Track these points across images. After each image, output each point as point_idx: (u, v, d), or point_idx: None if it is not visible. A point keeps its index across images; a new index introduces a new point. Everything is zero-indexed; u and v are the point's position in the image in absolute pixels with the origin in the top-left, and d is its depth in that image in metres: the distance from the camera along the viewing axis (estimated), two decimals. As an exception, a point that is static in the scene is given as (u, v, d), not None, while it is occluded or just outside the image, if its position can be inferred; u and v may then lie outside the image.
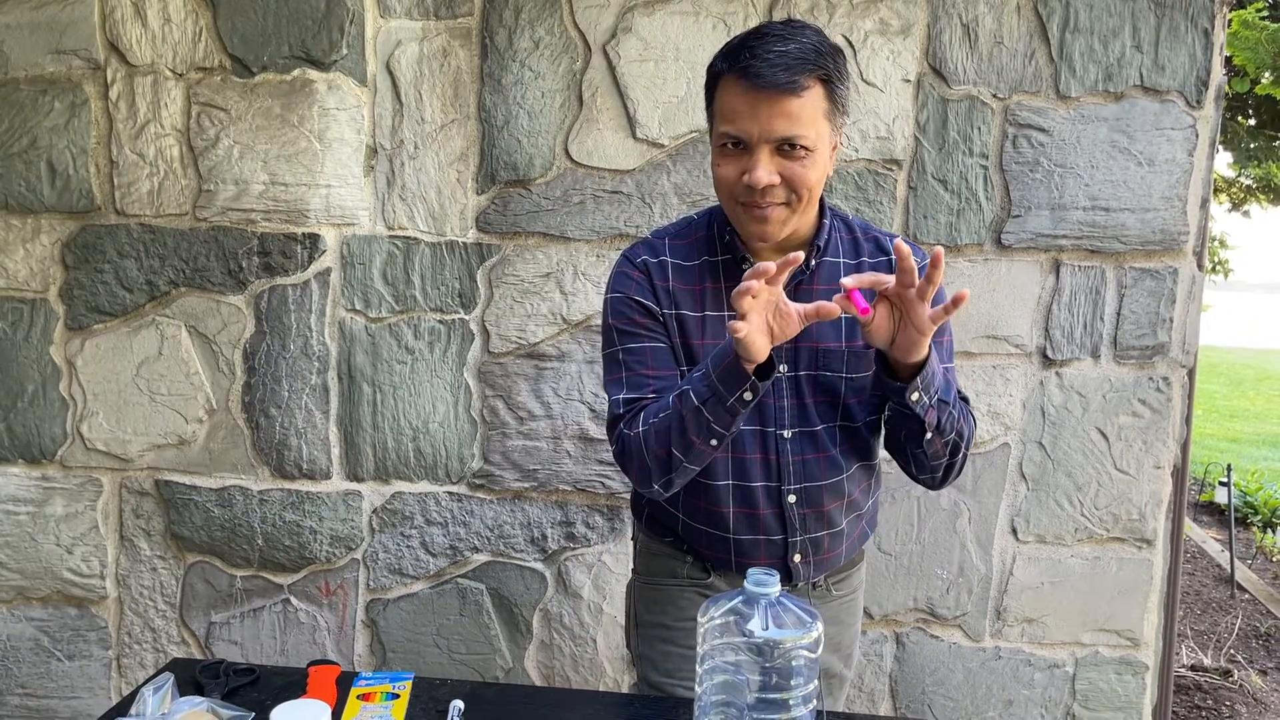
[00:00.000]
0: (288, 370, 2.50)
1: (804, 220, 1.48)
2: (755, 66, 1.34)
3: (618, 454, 1.53)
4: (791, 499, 1.55)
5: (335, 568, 2.55)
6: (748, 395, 1.36)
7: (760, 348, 1.31)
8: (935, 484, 1.57)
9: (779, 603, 1.23)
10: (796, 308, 1.34)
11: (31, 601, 2.62)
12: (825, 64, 1.37)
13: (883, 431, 1.62)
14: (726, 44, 1.42)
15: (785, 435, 1.53)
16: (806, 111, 1.36)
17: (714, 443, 1.41)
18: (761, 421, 1.53)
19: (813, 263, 1.51)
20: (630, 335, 1.53)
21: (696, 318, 1.52)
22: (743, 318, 1.28)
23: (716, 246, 1.54)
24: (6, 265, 2.51)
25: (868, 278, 1.32)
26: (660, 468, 1.45)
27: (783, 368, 1.52)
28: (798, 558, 1.58)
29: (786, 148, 1.37)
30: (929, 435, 1.44)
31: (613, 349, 1.55)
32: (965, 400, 1.59)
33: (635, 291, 1.53)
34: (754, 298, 1.28)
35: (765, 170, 1.37)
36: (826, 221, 1.52)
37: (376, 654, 2.57)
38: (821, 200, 1.52)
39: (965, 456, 1.54)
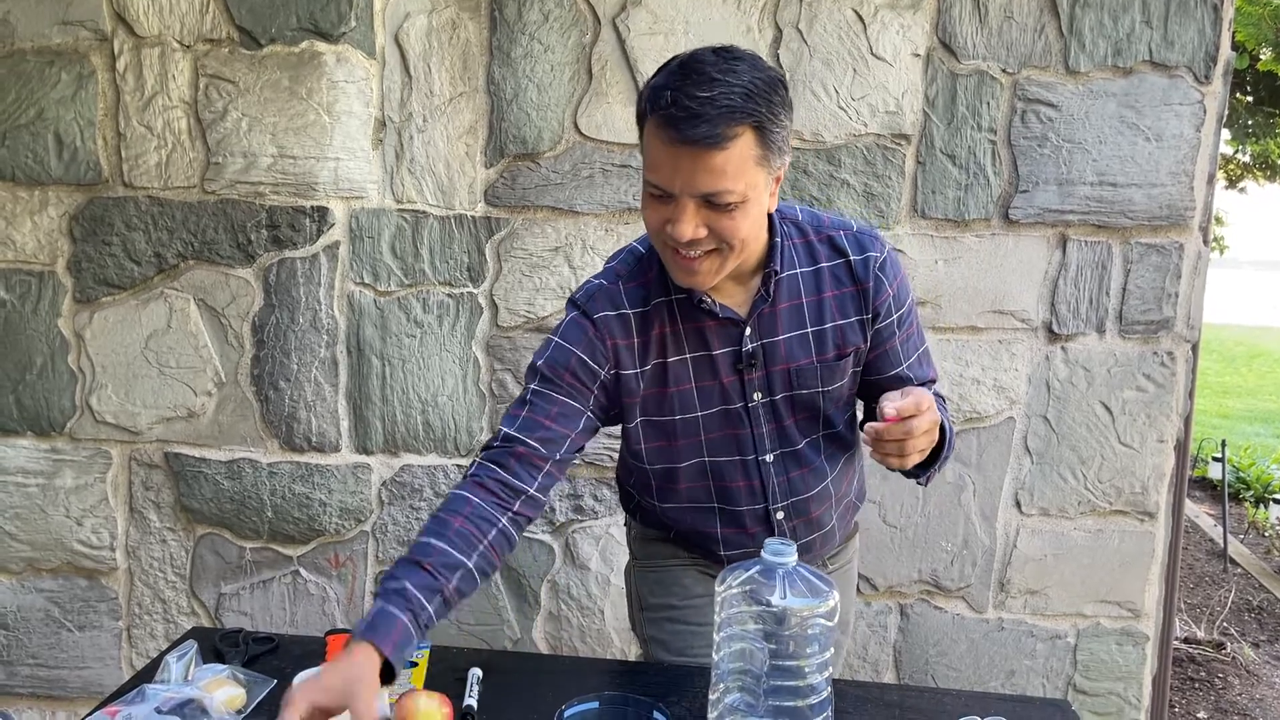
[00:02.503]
0: (296, 343, 2.50)
1: (750, 251, 1.37)
2: (675, 117, 1.21)
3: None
4: (780, 515, 1.55)
5: (344, 540, 2.57)
6: None
7: None
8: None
9: (796, 572, 1.25)
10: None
11: (42, 573, 2.63)
12: (755, 108, 1.23)
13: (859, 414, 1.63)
14: (654, 76, 1.29)
15: (767, 459, 1.52)
16: (732, 164, 1.23)
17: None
18: (740, 451, 1.51)
19: (771, 285, 1.42)
20: (552, 384, 1.43)
21: (659, 365, 1.46)
22: None
23: (669, 285, 1.43)
24: (14, 238, 2.50)
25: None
26: None
27: (757, 395, 1.47)
28: None
29: (713, 201, 1.26)
30: (921, 479, 1.52)
31: (528, 387, 1.45)
32: (942, 399, 1.60)
33: (584, 349, 1.43)
34: None
35: (689, 225, 1.27)
36: (778, 240, 1.41)
37: (385, 625, 2.59)
38: (770, 216, 1.41)
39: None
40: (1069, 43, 2.32)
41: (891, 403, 1.26)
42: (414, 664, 1.54)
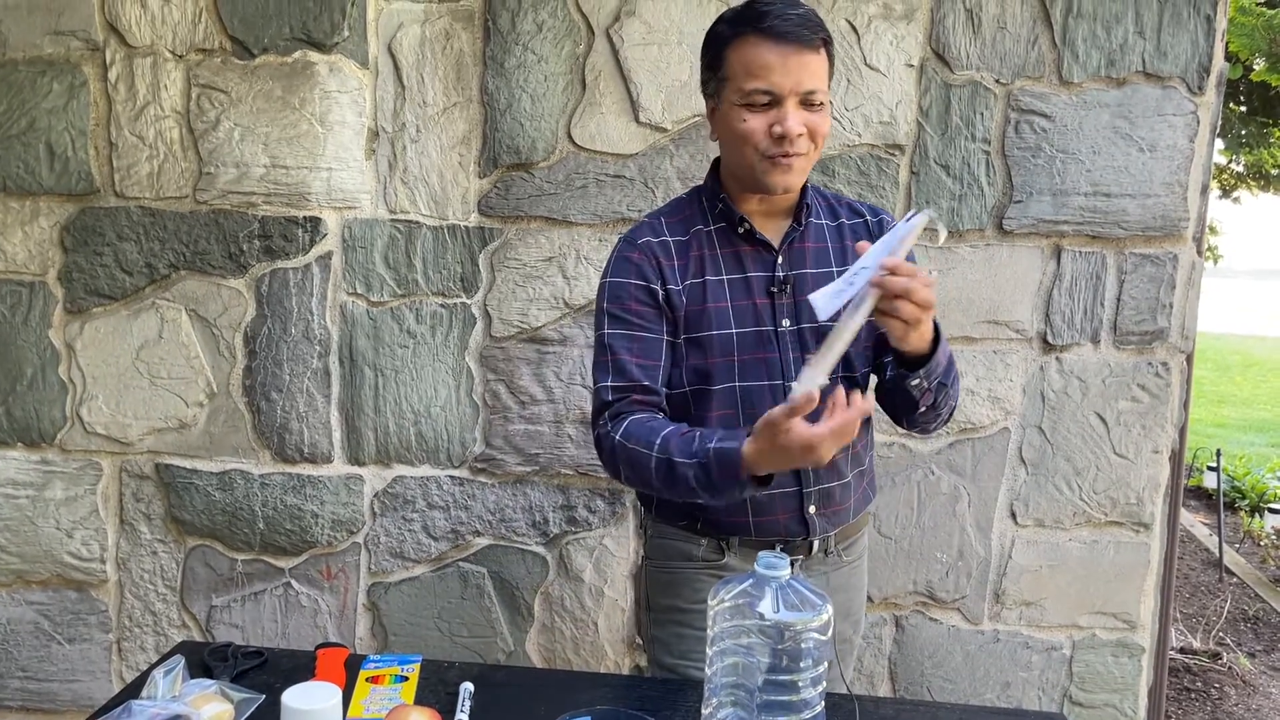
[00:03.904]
0: (289, 354, 2.49)
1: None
2: (780, 26, 1.45)
3: (598, 446, 1.58)
4: None
5: (336, 551, 2.55)
6: (745, 492, 1.44)
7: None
8: (921, 434, 1.69)
9: (789, 585, 1.24)
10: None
11: (31, 585, 2.61)
12: (826, 31, 1.52)
13: (872, 385, 1.71)
14: (731, 13, 1.53)
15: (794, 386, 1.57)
16: (822, 68, 1.50)
17: (699, 501, 1.50)
18: (769, 375, 1.58)
19: (804, 222, 1.61)
20: (622, 322, 1.57)
21: (699, 284, 1.58)
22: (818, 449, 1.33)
23: (708, 216, 1.62)
24: (5, 248, 2.49)
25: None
26: (631, 483, 1.58)
27: (785, 322, 1.58)
28: (813, 509, 1.61)
29: (809, 100, 1.48)
30: (922, 409, 1.55)
31: (601, 333, 1.59)
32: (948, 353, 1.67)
33: (635, 275, 1.58)
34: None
35: (796, 121, 1.48)
36: (808, 187, 1.62)
37: (378, 637, 2.58)
38: None
39: (951, 411, 1.63)
40: (1062, 53, 2.32)
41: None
42: (404, 678, 1.53)
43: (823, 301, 1.34)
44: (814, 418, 1.36)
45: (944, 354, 1.51)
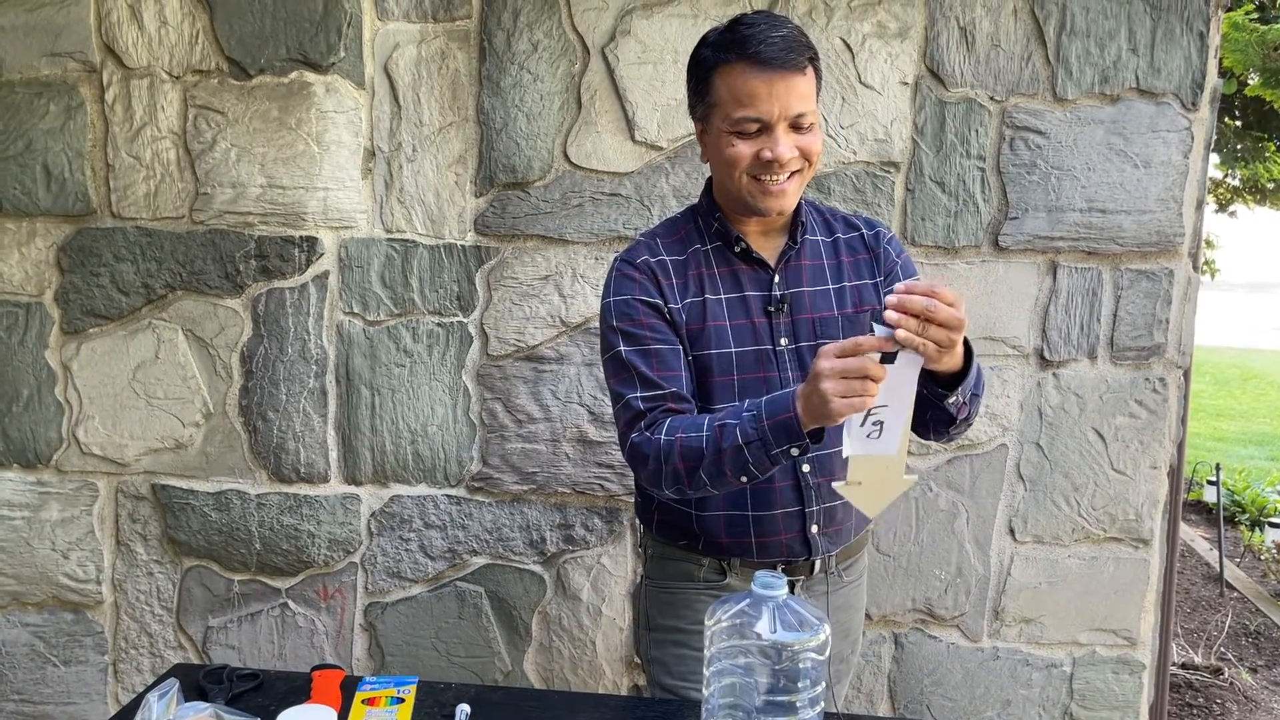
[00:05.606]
0: (285, 373, 2.49)
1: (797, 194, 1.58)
2: (766, 52, 1.44)
3: (631, 454, 1.53)
4: (806, 468, 1.58)
5: (333, 571, 2.54)
6: (794, 451, 1.38)
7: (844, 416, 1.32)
8: (947, 441, 1.66)
9: (787, 605, 1.23)
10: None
11: (27, 607, 2.60)
12: (811, 47, 1.50)
13: None
14: (715, 37, 1.52)
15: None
16: (809, 89, 1.49)
17: (744, 480, 1.44)
18: (770, 393, 1.56)
19: (799, 239, 1.61)
20: (637, 338, 1.55)
21: (698, 303, 1.58)
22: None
23: (704, 235, 1.62)
24: (1, 269, 2.49)
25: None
26: (677, 481, 1.48)
27: (783, 341, 1.58)
28: (815, 528, 1.60)
29: (798, 124, 1.48)
30: (956, 424, 1.53)
31: (616, 350, 1.56)
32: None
33: (639, 292, 1.57)
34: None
35: (786, 146, 1.48)
36: (802, 205, 1.62)
37: (375, 657, 2.56)
38: None
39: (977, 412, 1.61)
40: (1056, 70, 2.33)
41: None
42: (400, 700, 1.52)
43: (853, 444, 1.34)
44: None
45: (975, 370, 1.49)
